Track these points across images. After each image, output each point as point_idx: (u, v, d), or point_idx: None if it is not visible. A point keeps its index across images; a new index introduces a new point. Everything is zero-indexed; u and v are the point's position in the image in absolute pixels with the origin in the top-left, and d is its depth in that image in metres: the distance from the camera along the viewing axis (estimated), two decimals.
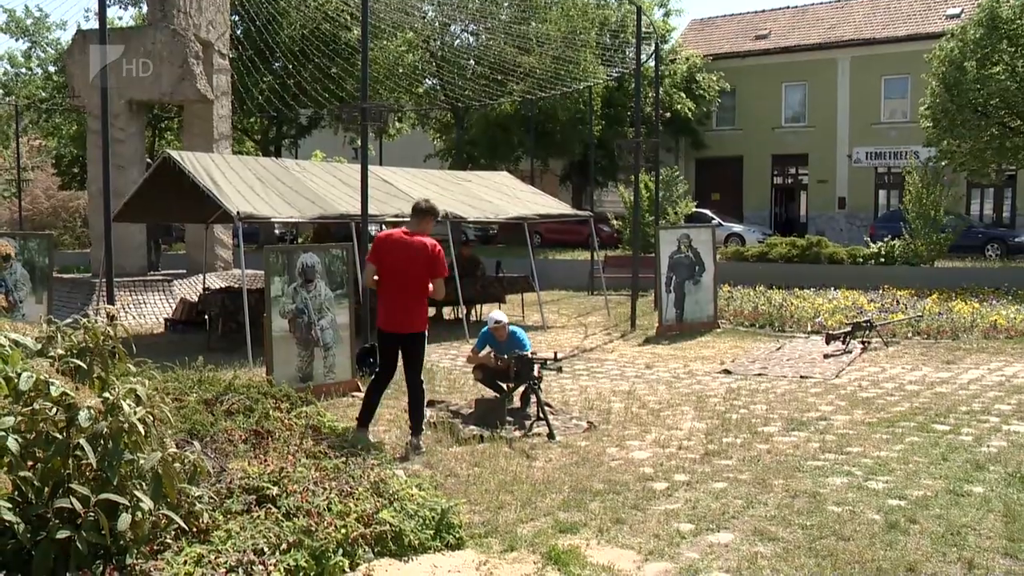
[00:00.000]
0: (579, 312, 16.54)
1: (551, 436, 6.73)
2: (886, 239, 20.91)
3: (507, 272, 16.18)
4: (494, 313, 7.64)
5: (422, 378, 6.30)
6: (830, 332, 11.65)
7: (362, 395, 6.66)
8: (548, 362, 7.34)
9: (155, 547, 3.72)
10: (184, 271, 18.12)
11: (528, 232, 15.41)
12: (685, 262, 13.34)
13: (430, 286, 6.12)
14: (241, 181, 11.72)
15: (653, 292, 16.36)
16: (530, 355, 7.34)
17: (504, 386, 7.57)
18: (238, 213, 10.35)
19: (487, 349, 7.73)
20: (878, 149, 31.98)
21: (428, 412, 7.38)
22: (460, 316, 13.76)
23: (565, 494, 5.38)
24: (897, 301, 15.23)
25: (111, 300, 9.34)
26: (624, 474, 5.83)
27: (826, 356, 10.82)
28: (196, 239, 17.82)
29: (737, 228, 29.74)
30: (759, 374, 9.65)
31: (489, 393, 7.78)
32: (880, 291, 16.90)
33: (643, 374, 9.90)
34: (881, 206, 32.30)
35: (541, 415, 6.97)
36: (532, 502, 5.19)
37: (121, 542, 3.54)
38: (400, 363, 6.28)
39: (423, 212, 6.22)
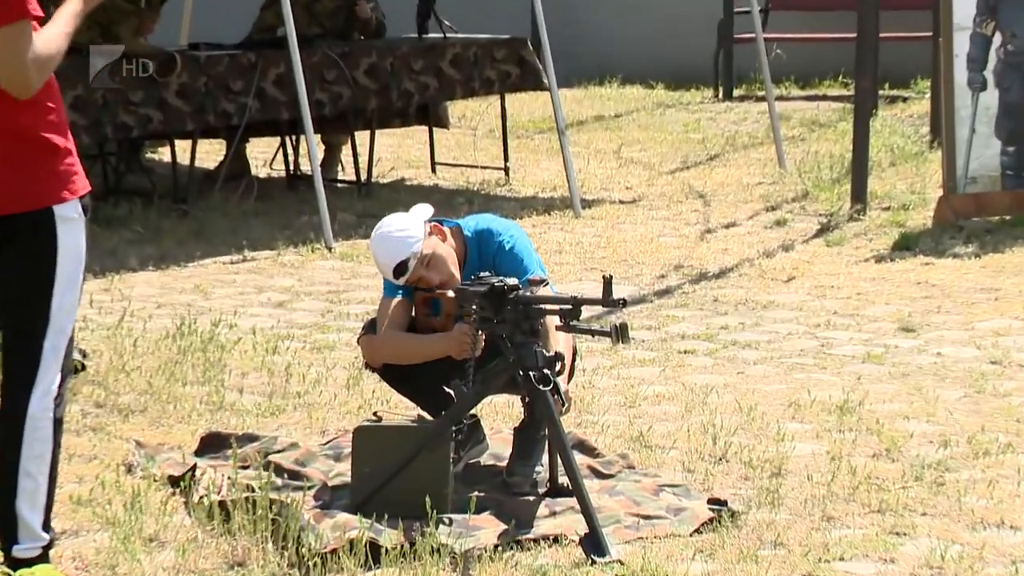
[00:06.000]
0: (685, 156, 10.58)
1: (595, 548, 4.28)
2: None
3: (457, 29, 9.56)
4: (414, 208, 5.16)
5: (59, 371, 4.36)
6: None
7: None
8: (594, 316, 5.35)
9: None
10: None
11: None
12: None
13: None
14: None
15: (931, 103, 9.67)
16: (528, 290, 4.70)
17: (454, 389, 4.92)
18: None
19: (401, 303, 5.46)
20: None
21: (200, 467, 5.20)
22: (303, 171, 9.00)
23: None
24: None
25: None
26: None
27: None
28: None
29: None
30: None
31: (409, 409, 5.34)
32: None
33: (889, 349, 6.56)
34: None
35: (568, 480, 4.64)
36: None
37: None
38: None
39: None
